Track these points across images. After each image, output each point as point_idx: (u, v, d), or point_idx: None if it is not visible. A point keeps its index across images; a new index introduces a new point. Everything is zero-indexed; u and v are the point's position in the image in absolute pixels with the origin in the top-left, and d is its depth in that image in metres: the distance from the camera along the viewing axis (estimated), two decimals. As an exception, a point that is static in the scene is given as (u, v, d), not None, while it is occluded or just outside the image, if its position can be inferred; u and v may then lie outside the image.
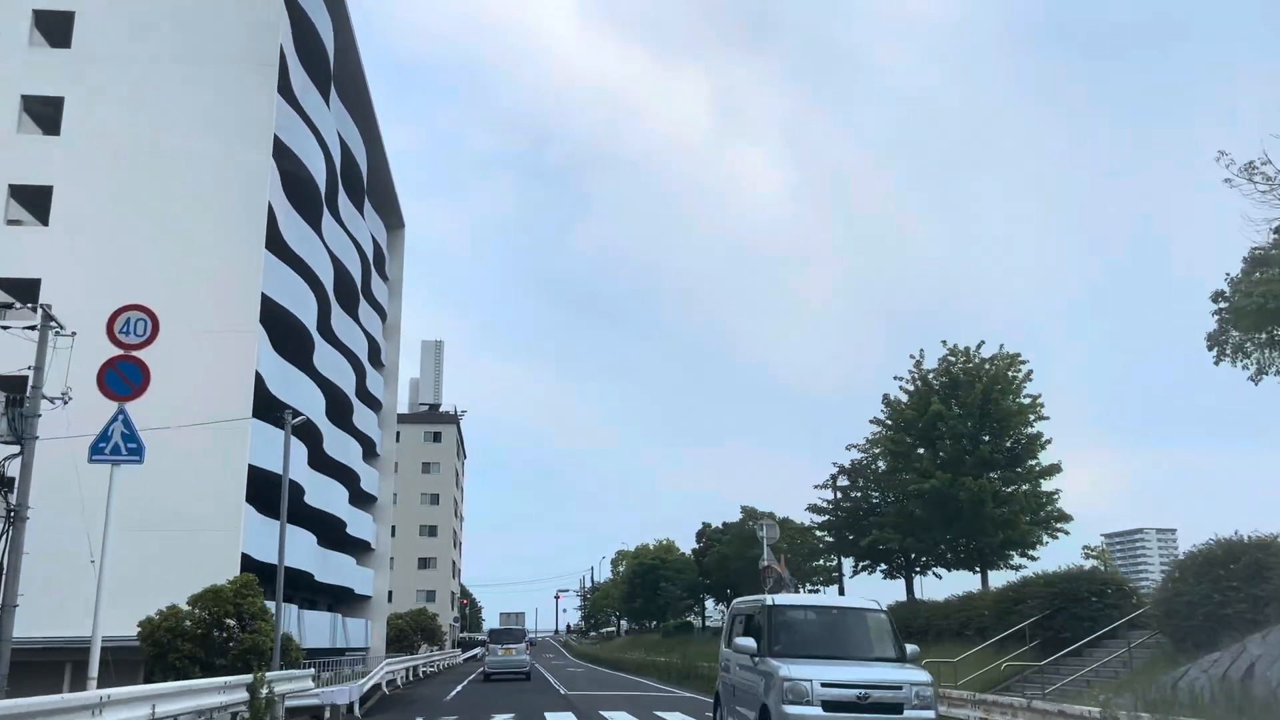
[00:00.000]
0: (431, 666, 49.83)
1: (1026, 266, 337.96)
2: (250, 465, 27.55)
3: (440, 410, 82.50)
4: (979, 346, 31.64)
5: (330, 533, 41.73)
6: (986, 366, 30.86)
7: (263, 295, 29.05)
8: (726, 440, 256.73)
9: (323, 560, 38.85)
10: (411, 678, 40.53)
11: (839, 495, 37.33)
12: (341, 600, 48.79)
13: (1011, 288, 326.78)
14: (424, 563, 76.81)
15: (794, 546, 41.91)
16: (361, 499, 47.96)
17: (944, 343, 32.27)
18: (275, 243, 30.67)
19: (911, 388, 32.72)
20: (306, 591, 41.39)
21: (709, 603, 61.40)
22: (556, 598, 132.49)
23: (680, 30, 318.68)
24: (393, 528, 75.08)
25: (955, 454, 30.14)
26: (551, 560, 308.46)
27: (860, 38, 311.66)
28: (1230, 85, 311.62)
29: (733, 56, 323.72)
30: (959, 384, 31.02)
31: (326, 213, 38.06)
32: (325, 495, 38.24)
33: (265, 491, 28.04)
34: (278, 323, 31.03)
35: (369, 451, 50.07)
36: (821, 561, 42.95)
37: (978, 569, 31.44)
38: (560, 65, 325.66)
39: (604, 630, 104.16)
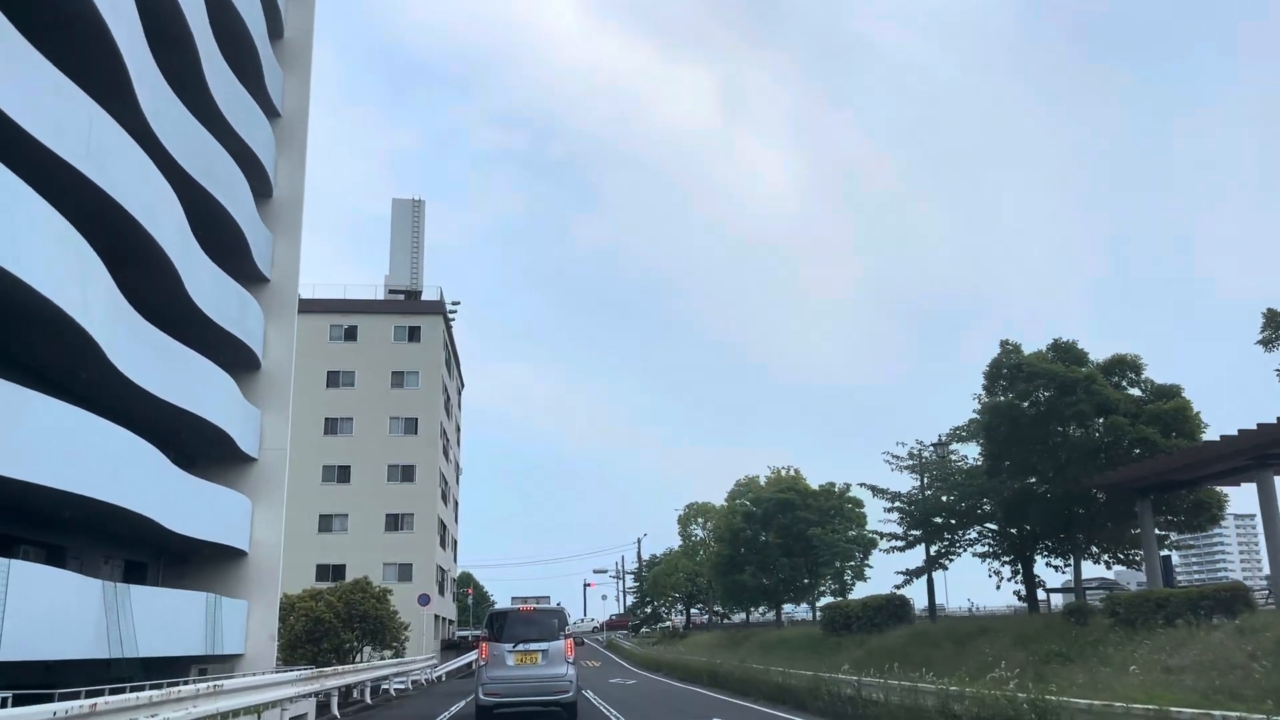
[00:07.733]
0: (395, 683, 24.38)
1: (1042, 259, 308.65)
2: None
3: (419, 298, 55.77)
4: None
5: (38, 349, 16.00)
6: None
7: None
8: (739, 437, 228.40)
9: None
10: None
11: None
12: (176, 556, 23.45)
13: (1026, 282, 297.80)
14: (394, 522, 49.76)
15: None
16: (205, 335, 22.10)
17: None
18: None
19: None
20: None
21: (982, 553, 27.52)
22: (587, 585, 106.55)
23: (685, 21, 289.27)
24: (345, 468, 49.08)
25: None
26: (572, 542, 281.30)
27: (870, 26, 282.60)
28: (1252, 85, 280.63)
29: (741, 48, 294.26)
30: None
31: None
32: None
33: None
34: None
35: (238, 265, 24.32)
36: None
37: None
38: (564, 58, 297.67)
39: (661, 625, 74.19)
